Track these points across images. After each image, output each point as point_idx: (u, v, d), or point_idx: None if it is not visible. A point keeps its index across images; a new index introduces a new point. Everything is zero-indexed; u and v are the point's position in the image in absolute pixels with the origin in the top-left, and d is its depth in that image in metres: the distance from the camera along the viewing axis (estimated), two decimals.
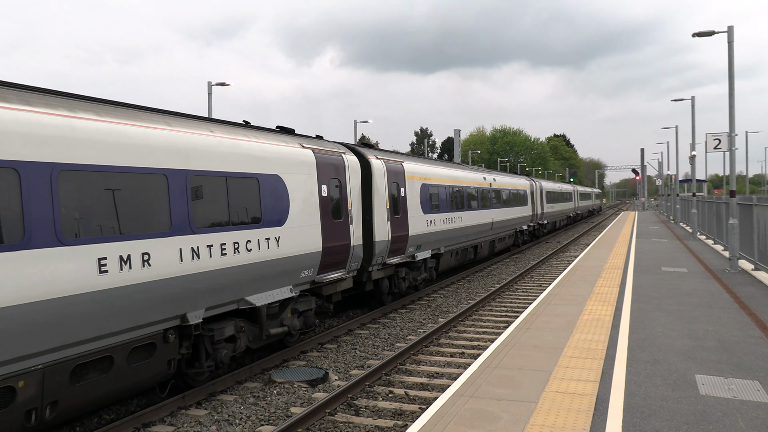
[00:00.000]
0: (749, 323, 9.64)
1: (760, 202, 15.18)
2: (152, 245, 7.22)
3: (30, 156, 5.95)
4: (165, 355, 7.64)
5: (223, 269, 8.34)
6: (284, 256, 9.79)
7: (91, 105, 7.08)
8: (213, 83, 26.40)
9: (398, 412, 7.85)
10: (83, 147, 6.52)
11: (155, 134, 7.53)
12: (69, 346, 6.27)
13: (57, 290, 6.05)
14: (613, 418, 5.79)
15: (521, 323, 10.02)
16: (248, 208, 9.05)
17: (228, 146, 8.78)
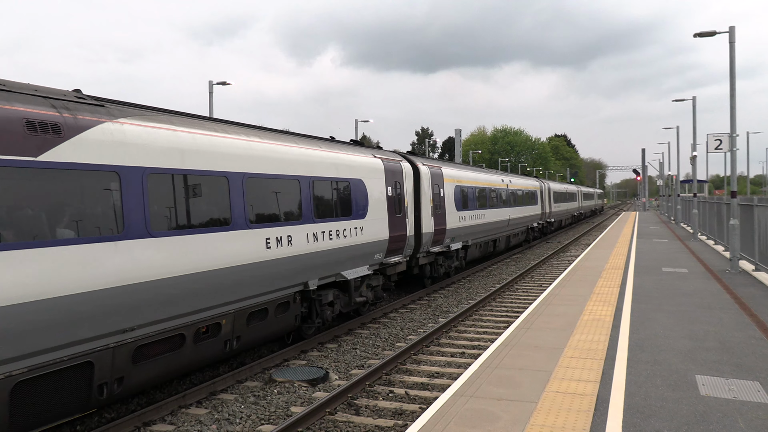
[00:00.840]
0: (750, 324, 9.64)
1: (761, 203, 15.17)
2: (293, 230, 10.09)
3: (235, 168, 8.88)
4: (294, 311, 10.43)
5: (330, 250, 11.21)
6: (365, 242, 12.67)
7: (257, 131, 10.10)
8: (214, 82, 26.42)
9: (398, 412, 7.86)
10: (259, 162, 9.47)
11: (294, 151, 10.62)
12: (247, 298, 8.98)
13: (245, 258, 8.81)
14: (614, 418, 5.80)
15: (521, 323, 10.02)
16: (345, 204, 11.99)
17: (332, 158, 11.85)
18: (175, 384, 8.98)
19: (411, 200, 15.34)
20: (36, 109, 6.29)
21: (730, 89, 16.59)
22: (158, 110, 8.24)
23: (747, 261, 16.73)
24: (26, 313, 5.78)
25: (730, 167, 17.12)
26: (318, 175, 11.11)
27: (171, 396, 8.32)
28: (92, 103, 7.14)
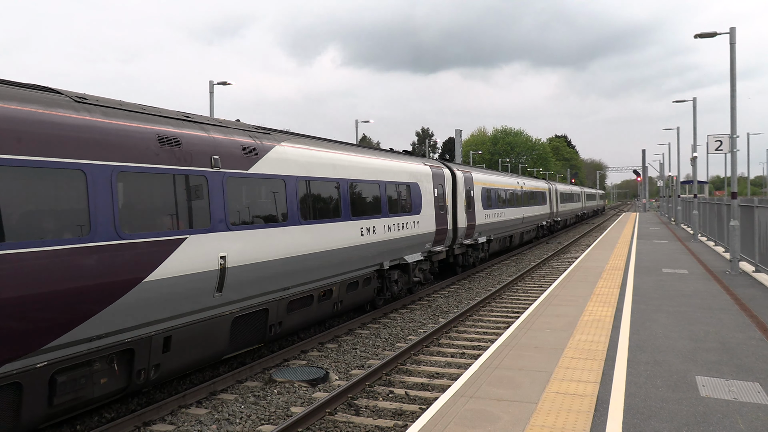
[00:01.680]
0: (750, 325, 9.64)
1: (761, 204, 15.17)
2: (375, 222, 13.09)
3: (343, 176, 11.90)
4: (373, 284, 13.53)
5: (397, 238, 14.22)
6: (420, 233, 15.65)
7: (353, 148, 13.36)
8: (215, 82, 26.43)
9: (398, 412, 7.85)
10: (356, 171, 12.54)
11: (375, 162, 13.75)
12: (347, 272, 12.01)
13: (349, 242, 11.82)
14: (614, 419, 5.80)
15: (522, 324, 10.02)
16: (407, 202, 15.07)
17: (398, 166, 15.00)
18: (175, 384, 8.99)
19: (450, 200, 18.37)
20: (245, 139, 9.38)
21: (731, 90, 16.58)
22: (295, 134, 11.30)
23: (747, 262, 16.73)
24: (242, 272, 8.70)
25: (731, 168, 17.11)
26: (390, 179, 14.27)
27: (171, 396, 8.32)
28: (266, 132, 10.23)
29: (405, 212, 14.85)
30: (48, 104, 6.47)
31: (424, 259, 16.34)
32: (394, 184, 14.44)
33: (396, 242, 14.14)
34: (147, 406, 7.87)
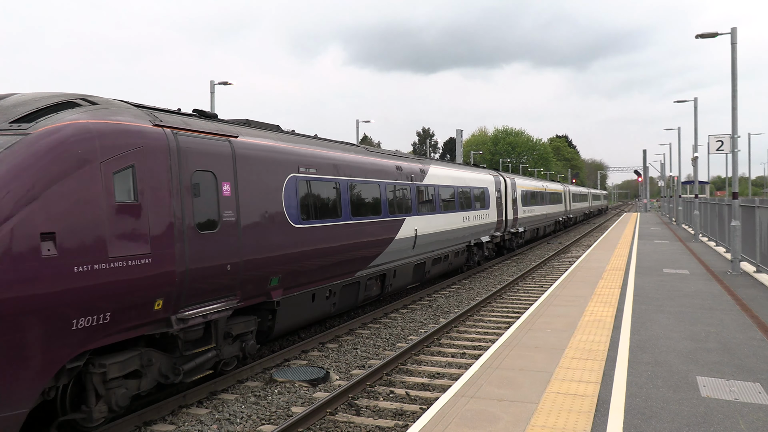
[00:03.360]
0: (751, 325, 9.63)
1: (762, 204, 15.15)
2: (469, 213, 19.40)
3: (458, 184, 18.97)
4: (464, 255, 19.98)
5: (479, 224, 20.71)
6: (489, 222, 22.35)
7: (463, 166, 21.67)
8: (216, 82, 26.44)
9: (399, 412, 7.85)
10: (463, 180, 19.48)
11: (470, 174, 20.79)
12: (454, 245, 18.40)
13: (457, 226, 18.26)
14: (614, 419, 5.79)
15: (522, 324, 10.01)
16: (481, 201, 21.34)
17: (478, 176, 21.74)
18: (176, 384, 8.98)
19: (503, 199, 24.93)
20: (420, 165, 16.41)
21: (732, 90, 16.56)
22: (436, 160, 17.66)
23: (748, 262, 16.71)
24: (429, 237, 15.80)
25: (732, 168, 17.10)
26: (475, 185, 20.98)
27: (171, 396, 8.32)
28: (425, 159, 17.55)
29: (482, 207, 21.47)
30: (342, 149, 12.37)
31: (490, 240, 22.94)
32: (478, 188, 21.18)
33: (478, 227, 20.79)
34: (147, 406, 7.87)
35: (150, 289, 6.94)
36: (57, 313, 5.94)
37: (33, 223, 5.79)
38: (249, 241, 8.61)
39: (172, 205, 7.29)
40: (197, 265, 7.59)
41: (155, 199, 7.09)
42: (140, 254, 6.79)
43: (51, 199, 5.97)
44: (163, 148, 7.32)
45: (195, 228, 7.62)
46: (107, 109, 7.02)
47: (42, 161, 6.01)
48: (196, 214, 7.68)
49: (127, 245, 6.64)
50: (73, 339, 6.17)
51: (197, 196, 7.77)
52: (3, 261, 5.52)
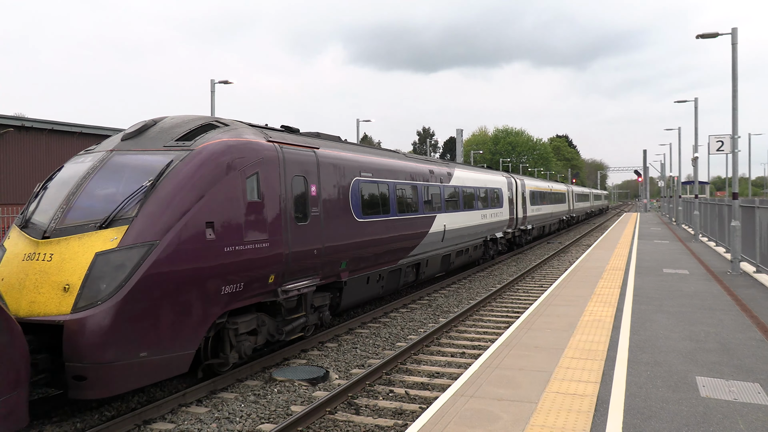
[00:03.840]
0: (750, 325, 9.64)
1: (762, 205, 15.15)
2: (486, 212, 21.66)
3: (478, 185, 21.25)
4: (482, 250, 21.95)
5: (494, 221, 22.68)
6: (503, 219, 24.40)
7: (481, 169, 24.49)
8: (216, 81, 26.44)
9: (398, 412, 7.85)
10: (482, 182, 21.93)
11: (486, 176, 22.87)
12: (473, 240, 20.29)
13: (476, 223, 20.36)
14: (614, 419, 5.79)
15: (522, 323, 10.02)
16: (496, 201, 23.35)
17: (494, 178, 23.83)
18: (176, 382, 8.99)
19: (515, 198, 27.12)
20: (446, 168, 18.54)
21: (732, 91, 16.56)
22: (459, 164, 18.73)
23: (748, 263, 16.72)
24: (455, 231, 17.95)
25: (732, 169, 17.10)
26: (491, 186, 23.03)
27: (171, 394, 8.33)
28: (450, 163, 19.82)
29: (497, 206, 23.60)
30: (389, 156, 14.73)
31: (503, 236, 24.91)
32: (493, 189, 23.30)
33: (493, 224, 22.89)
34: (147, 405, 7.87)
35: (267, 267, 9.01)
36: (214, 281, 7.96)
37: (201, 215, 7.86)
38: (328, 231, 10.75)
39: (280, 203, 9.40)
40: (296, 249, 9.71)
41: (270, 198, 9.16)
42: (262, 240, 8.87)
43: (211, 197, 8.03)
44: (275, 159, 9.43)
45: (294, 220, 9.75)
46: (236, 129, 9.14)
47: (205, 170, 8.10)
48: (294, 210, 9.79)
49: (254, 233, 8.72)
50: (221, 301, 8.15)
51: (295, 196, 9.88)
52: (185, 242, 7.56)
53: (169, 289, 7.39)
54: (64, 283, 6.93)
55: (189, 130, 8.70)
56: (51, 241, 7.31)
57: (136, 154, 8.36)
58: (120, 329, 6.85)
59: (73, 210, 7.65)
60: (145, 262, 7.16)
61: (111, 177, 8.05)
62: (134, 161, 8.22)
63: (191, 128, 8.75)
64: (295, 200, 9.87)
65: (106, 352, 6.72)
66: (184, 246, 7.55)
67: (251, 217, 8.69)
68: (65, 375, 6.77)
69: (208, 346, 8.57)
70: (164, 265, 7.32)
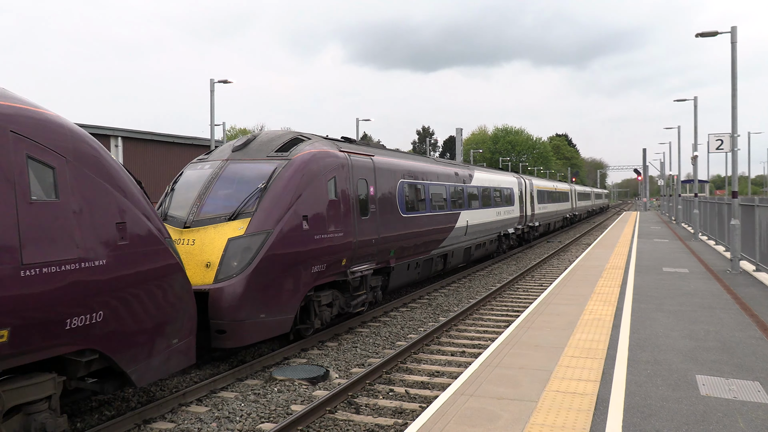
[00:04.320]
0: (750, 324, 9.64)
1: (762, 203, 15.16)
2: (500, 209, 23.66)
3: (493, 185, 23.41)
4: (496, 244, 24.04)
5: (507, 218, 24.99)
6: (514, 217, 26.39)
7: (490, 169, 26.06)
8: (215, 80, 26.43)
9: (399, 411, 7.85)
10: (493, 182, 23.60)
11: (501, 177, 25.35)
12: (488, 235, 22.24)
13: (492, 219, 22.40)
14: (614, 417, 5.80)
15: (522, 322, 10.02)
16: (509, 200, 25.35)
17: (506, 179, 26.14)
18: (176, 382, 8.99)
19: (523, 197, 29.12)
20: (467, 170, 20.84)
21: (732, 89, 16.56)
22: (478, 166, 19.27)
23: (748, 261, 16.73)
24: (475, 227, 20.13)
25: (731, 167, 17.10)
26: (505, 186, 25.08)
27: (171, 394, 8.33)
28: (467, 164, 21.56)
29: (510, 205, 25.70)
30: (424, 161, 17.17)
31: (514, 232, 27.04)
32: (506, 189, 25.46)
33: (506, 221, 24.95)
34: (147, 404, 7.87)
35: (342, 252, 11.18)
36: (308, 262, 10.14)
37: (300, 210, 10.05)
38: (382, 224, 12.99)
39: (350, 201, 11.62)
40: (360, 238, 11.91)
41: (343, 197, 11.41)
42: (339, 230, 11.06)
43: (305, 195, 10.24)
44: (346, 165, 11.73)
45: (359, 215, 11.99)
46: (317, 142, 11.45)
47: (300, 174, 10.30)
48: (359, 206, 12.05)
49: (333, 225, 10.89)
50: (311, 279, 10.33)
51: (359, 195, 12.13)
52: (290, 231, 9.73)
53: (280, 267, 9.56)
54: (206, 261, 9.07)
55: (283, 143, 10.99)
56: (192, 230, 9.46)
57: (247, 162, 10.62)
58: (248, 296, 8.96)
59: (206, 206, 9.88)
60: (264, 245, 9.32)
61: (231, 180, 10.26)
62: (247, 168, 10.47)
63: (284, 141, 11.04)
64: (359, 199, 12.14)
65: (239, 313, 8.85)
66: (290, 234, 9.76)
67: (331, 212, 10.92)
68: (209, 330, 8.81)
69: (297, 314, 10.33)
70: (277, 248, 9.50)
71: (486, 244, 22.25)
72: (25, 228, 5.45)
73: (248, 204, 9.66)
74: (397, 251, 13.78)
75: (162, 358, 7.15)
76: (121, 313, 6.44)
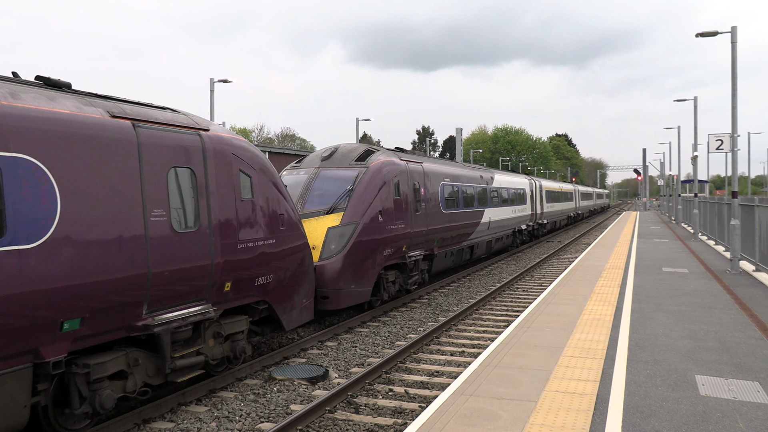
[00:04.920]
0: (750, 324, 9.64)
1: (761, 203, 15.15)
2: (515, 208, 26.89)
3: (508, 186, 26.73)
4: (511, 239, 27.08)
5: (520, 215, 28.06)
6: (526, 214, 29.51)
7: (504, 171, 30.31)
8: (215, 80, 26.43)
9: (398, 411, 7.85)
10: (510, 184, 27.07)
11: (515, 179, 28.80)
12: (504, 230, 24.85)
13: (508, 216, 25.46)
14: (613, 417, 5.80)
15: (522, 322, 10.02)
16: (522, 199, 28.49)
17: (520, 180, 29.52)
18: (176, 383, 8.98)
19: (534, 197, 31.97)
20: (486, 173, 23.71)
21: (732, 89, 16.56)
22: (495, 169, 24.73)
23: (747, 261, 16.72)
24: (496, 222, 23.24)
25: (731, 167, 17.10)
26: (518, 187, 27.73)
27: (171, 393, 8.32)
28: (489, 168, 25.80)
29: (523, 203, 28.70)
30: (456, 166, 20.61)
31: (526, 228, 29.96)
32: (520, 189, 28.48)
33: (520, 218, 27.87)
34: (147, 404, 7.87)
35: (403, 240, 14.16)
36: (382, 247, 13.16)
37: (376, 206, 13.05)
38: (429, 219, 15.86)
39: (408, 199, 14.58)
40: (415, 230, 14.88)
41: (404, 196, 14.40)
42: (402, 222, 14.09)
43: (380, 195, 13.24)
44: (405, 171, 14.83)
45: (414, 211, 14.91)
46: (383, 153, 14.45)
47: (376, 178, 13.32)
48: (415, 205, 15.03)
49: (398, 218, 13.89)
50: (383, 259, 13.34)
51: (414, 195, 15.12)
52: (371, 222, 12.76)
53: (365, 250, 12.57)
54: (312, 245, 11.65)
55: (360, 154, 14.05)
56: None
57: (335, 169, 13.59)
58: (344, 271, 11.96)
59: (307, 203, 12.82)
60: (354, 233, 12.33)
61: (325, 183, 13.25)
62: (336, 174, 13.42)
63: (360, 153, 14.10)
64: (414, 198, 15.09)
65: (338, 283, 11.85)
66: (371, 225, 12.81)
67: (396, 208, 13.97)
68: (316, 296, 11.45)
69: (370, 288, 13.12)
70: (363, 235, 12.53)
71: (503, 238, 25.26)
72: (239, 217, 8.29)
73: (340, 201, 12.70)
74: (439, 241, 16.83)
75: (298, 311, 9.97)
76: (281, 276, 9.23)
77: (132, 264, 6.60)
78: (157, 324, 6.96)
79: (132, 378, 7.05)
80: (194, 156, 7.72)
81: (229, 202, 8.11)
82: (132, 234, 6.63)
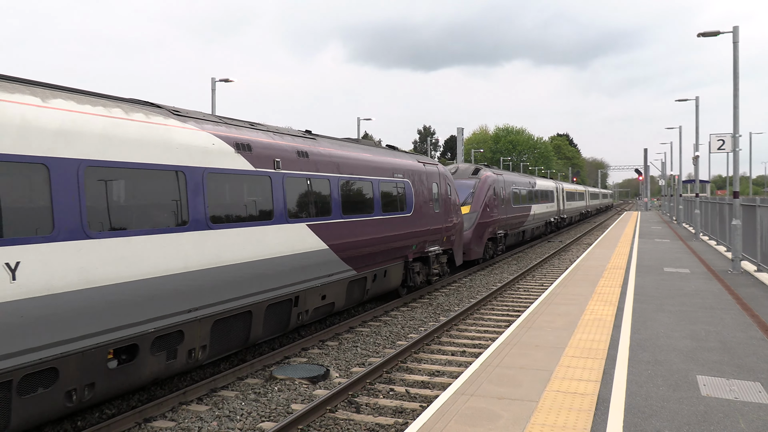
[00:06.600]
0: (751, 324, 9.63)
1: (763, 204, 15.14)
2: (547, 205, 35.94)
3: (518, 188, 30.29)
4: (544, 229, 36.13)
5: (547, 211, 36.01)
6: (553, 210, 38.10)
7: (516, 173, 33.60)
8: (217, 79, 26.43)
9: (399, 410, 7.85)
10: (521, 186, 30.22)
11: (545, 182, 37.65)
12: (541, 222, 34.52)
13: (542, 211, 33.97)
14: (614, 418, 5.79)
15: (523, 322, 10.01)
16: (551, 198, 37.77)
17: (550, 183, 39.04)
18: (176, 381, 9.00)
19: (556, 197, 38.96)
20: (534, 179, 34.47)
21: (734, 89, 16.54)
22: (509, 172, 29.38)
23: (749, 261, 16.70)
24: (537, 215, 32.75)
25: (733, 168, 17.08)
26: (550, 189, 37.21)
27: (172, 392, 8.33)
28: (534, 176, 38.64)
29: (551, 202, 36.43)
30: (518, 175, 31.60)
31: (553, 221, 37.49)
32: (550, 191, 36.61)
33: (550, 212, 35.54)
34: (147, 403, 7.87)
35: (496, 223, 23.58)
36: (487, 227, 22.44)
37: (486, 202, 22.37)
38: (507, 211, 25.28)
39: (499, 198, 24.08)
40: (501, 217, 24.15)
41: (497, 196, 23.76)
42: (498, 213, 23.66)
43: (487, 195, 22.68)
44: (498, 180, 24.50)
45: (501, 206, 23.74)
46: (486, 169, 23.74)
47: (485, 186, 22.75)
48: (502, 204, 24.21)
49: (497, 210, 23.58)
50: (488, 235, 22.46)
51: (500, 197, 24.05)
52: (484, 211, 22.13)
53: (482, 228, 21.55)
54: None
55: (474, 169, 23.26)
56: None
57: (462, 180, 22.47)
58: (473, 239, 20.92)
59: None
60: (477, 217, 21.31)
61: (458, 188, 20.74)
62: (464, 183, 22.30)
63: (474, 169, 23.28)
64: (501, 199, 23.93)
65: (470, 245, 20.69)
66: (484, 213, 21.77)
67: (495, 204, 23.07)
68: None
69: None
70: (480, 219, 21.44)
71: (540, 227, 33.85)
72: (448, 207, 17.09)
73: (468, 199, 21.63)
74: (510, 226, 25.75)
75: (459, 257, 18.08)
76: (455, 237, 17.44)
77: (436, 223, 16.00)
78: (430, 252, 15.76)
79: (423, 271, 15.77)
80: (436, 177, 16.53)
81: (446, 199, 16.94)
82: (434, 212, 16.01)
